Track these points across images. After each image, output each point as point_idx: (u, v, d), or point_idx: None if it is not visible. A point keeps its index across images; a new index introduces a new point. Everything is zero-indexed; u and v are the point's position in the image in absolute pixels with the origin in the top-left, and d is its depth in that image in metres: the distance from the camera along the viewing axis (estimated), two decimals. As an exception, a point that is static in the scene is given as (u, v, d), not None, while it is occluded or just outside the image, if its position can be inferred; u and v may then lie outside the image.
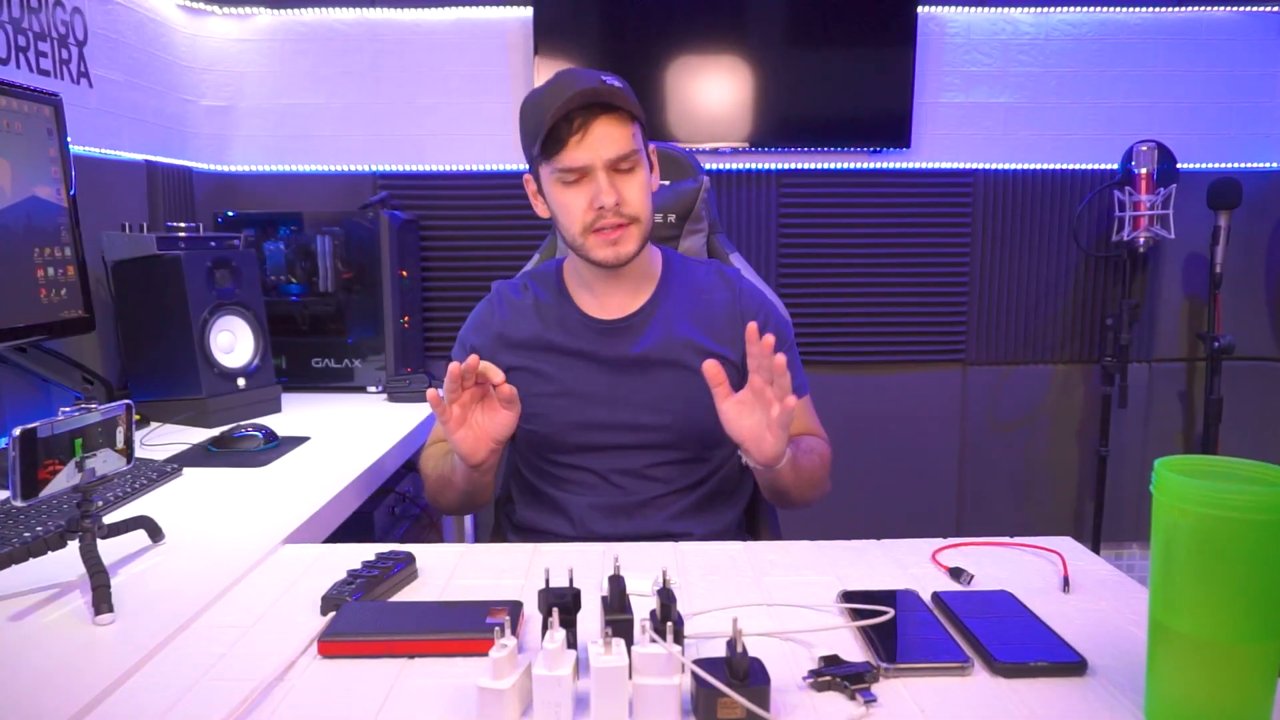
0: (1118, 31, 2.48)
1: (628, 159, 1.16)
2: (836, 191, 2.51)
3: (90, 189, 1.71)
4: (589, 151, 1.14)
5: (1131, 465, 2.63)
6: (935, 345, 2.58)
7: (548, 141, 1.14)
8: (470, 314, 1.34)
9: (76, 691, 0.68)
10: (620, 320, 1.25)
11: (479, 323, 1.31)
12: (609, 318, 1.25)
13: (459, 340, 1.33)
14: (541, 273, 1.34)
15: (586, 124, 1.13)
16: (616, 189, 1.15)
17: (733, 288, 1.29)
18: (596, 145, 1.14)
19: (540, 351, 1.26)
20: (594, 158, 1.14)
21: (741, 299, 1.28)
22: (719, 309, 1.27)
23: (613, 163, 1.15)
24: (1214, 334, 2.40)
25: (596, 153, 1.14)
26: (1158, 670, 0.63)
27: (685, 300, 1.27)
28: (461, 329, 1.33)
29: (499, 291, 1.33)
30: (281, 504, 1.19)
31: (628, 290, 1.25)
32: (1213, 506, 0.57)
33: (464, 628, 0.75)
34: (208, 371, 1.65)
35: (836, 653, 0.72)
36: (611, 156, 1.14)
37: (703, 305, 1.27)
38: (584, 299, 1.27)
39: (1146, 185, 2.35)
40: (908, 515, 2.61)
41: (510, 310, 1.29)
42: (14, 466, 0.79)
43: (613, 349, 1.24)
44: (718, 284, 1.30)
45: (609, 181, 1.15)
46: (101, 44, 1.89)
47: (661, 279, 1.28)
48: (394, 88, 2.44)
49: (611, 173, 1.16)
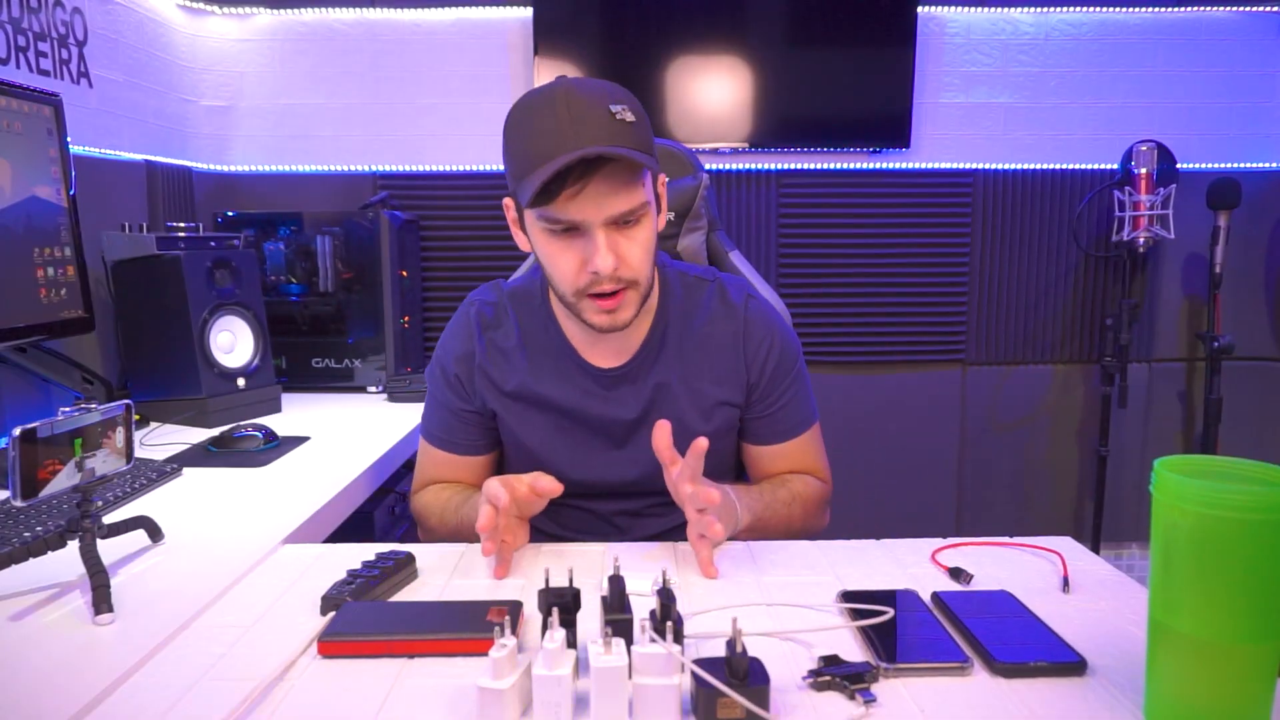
0: (1118, 31, 2.48)
1: (633, 214, 0.99)
2: (836, 191, 2.51)
3: (90, 189, 1.71)
4: (584, 209, 0.96)
5: (1131, 465, 2.63)
6: (935, 345, 2.58)
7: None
8: (446, 332, 1.20)
9: (76, 691, 0.68)
10: (617, 369, 1.13)
11: (460, 352, 1.16)
12: (605, 365, 1.13)
13: (438, 363, 1.19)
14: (524, 293, 1.17)
15: (586, 176, 0.94)
16: (616, 250, 0.98)
17: (738, 316, 1.15)
18: (595, 202, 0.95)
19: (529, 405, 1.15)
20: (591, 215, 0.96)
21: (749, 330, 1.15)
22: (722, 343, 1.14)
23: (614, 221, 0.98)
24: (1214, 334, 2.40)
25: (595, 210, 0.96)
26: (1157, 670, 0.63)
27: (684, 337, 1.14)
28: (439, 349, 1.20)
29: (477, 319, 1.16)
30: (281, 504, 1.19)
31: (624, 334, 1.10)
32: (1212, 506, 0.57)
33: (464, 628, 0.75)
34: (208, 371, 1.65)
35: (836, 653, 0.72)
36: (613, 215, 0.97)
37: (703, 341, 1.14)
38: (574, 334, 1.13)
39: (1146, 185, 2.35)
40: (908, 515, 2.61)
41: (490, 351, 1.15)
42: (14, 466, 0.79)
43: (609, 410, 1.13)
44: (720, 313, 1.15)
45: (608, 242, 0.97)
46: (101, 44, 1.89)
47: (658, 313, 1.14)
48: (394, 88, 2.44)
49: (611, 229, 0.98)
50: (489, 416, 1.18)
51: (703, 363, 1.15)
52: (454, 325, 1.20)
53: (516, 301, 1.17)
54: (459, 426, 1.19)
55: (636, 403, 1.14)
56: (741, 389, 1.16)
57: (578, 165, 0.93)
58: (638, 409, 1.14)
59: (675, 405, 1.14)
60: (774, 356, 1.16)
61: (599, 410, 1.14)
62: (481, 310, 1.18)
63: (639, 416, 1.14)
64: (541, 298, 1.16)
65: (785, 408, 1.18)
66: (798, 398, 1.19)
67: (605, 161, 0.94)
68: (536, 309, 1.16)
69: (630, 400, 1.14)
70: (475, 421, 1.19)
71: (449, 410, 1.19)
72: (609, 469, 1.16)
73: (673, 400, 1.14)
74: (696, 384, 1.14)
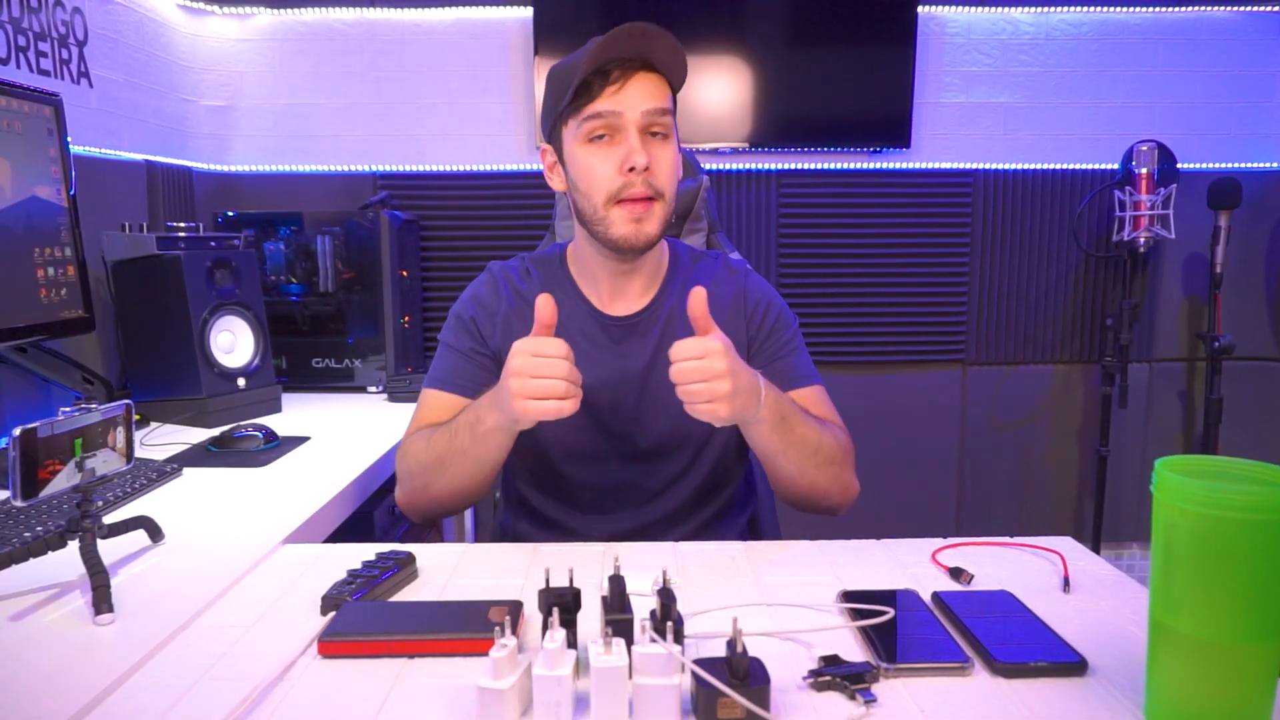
0: (1118, 31, 2.48)
1: (663, 119, 1.07)
2: (836, 191, 2.51)
3: (90, 189, 1.71)
4: (624, 101, 1.05)
5: (1131, 465, 2.63)
6: (935, 345, 2.58)
7: (579, 91, 1.05)
8: (467, 290, 1.24)
9: (76, 691, 0.68)
10: (629, 318, 1.18)
11: (481, 301, 1.21)
12: (617, 314, 1.18)
13: (455, 315, 1.22)
14: (544, 258, 1.24)
15: (626, 75, 1.05)
16: (650, 152, 1.06)
17: (739, 280, 1.23)
18: (634, 96, 1.05)
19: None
20: (629, 108, 1.05)
21: (748, 290, 1.22)
22: (723, 303, 1.19)
23: (648, 120, 1.06)
24: (1214, 334, 2.40)
25: (633, 103, 1.05)
26: (1158, 670, 0.63)
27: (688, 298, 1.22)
28: (457, 304, 1.23)
29: (500, 273, 1.23)
30: (281, 504, 1.19)
31: (637, 285, 1.18)
32: (1212, 506, 0.57)
33: (464, 628, 0.75)
34: (208, 371, 1.65)
35: (836, 653, 0.72)
36: (649, 108, 1.06)
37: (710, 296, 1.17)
38: (590, 290, 1.19)
39: (1146, 185, 2.35)
40: (908, 515, 2.61)
41: (515, 297, 1.20)
42: (14, 466, 0.79)
43: (620, 357, 1.17)
44: (724, 276, 1.23)
45: (642, 142, 1.06)
46: (101, 44, 1.89)
47: (668, 275, 1.21)
48: (394, 88, 2.45)
49: (645, 135, 1.07)
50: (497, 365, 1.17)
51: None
52: (479, 283, 1.24)
53: (538, 263, 1.24)
54: (469, 369, 1.18)
55: (643, 353, 1.17)
56: (742, 344, 1.18)
57: (617, 66, 1.05)
58: (644, 359, 1.17)
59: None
60: (772, 313, 1.21)
61: (613, 358, 1.17)
62: (505, 268, 1.24)
63: (648, 363, 1.17)
64: (560, 261, 1.23)
65: (787, 359, 1.19)
66: (800, 356, 1.21)
67: (642, 67, 1.05)
68: (555, 269, 1.22)
69: (637, 351, 1.18)
70: (486, 365, 1.18)
71: (461, 354, 1.18)
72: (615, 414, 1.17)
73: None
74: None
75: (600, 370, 1.16)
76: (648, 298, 1.19)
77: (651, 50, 1.05)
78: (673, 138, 1.10)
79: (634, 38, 1.03)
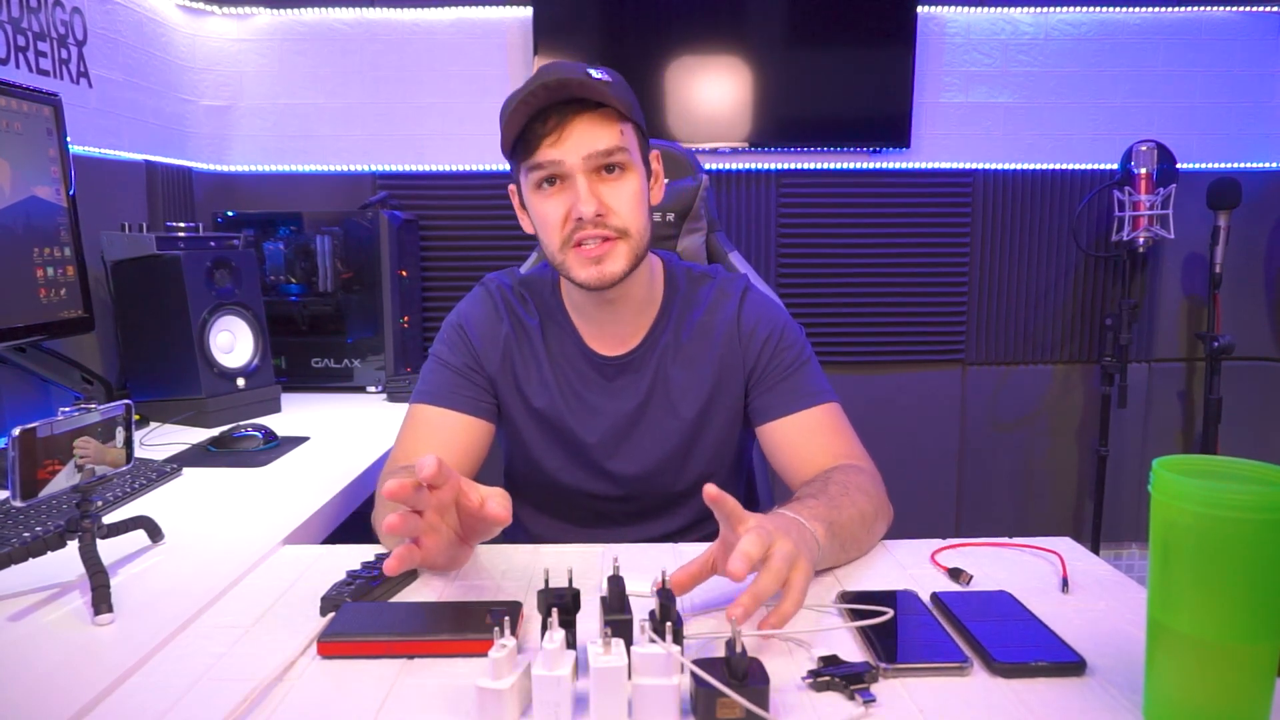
0: (1117, 31, 2.48)
1: (612, 158, 1.01)
2: (836, 191, 2.51)
3: (90, 189, 1.71)
4: (564, 149, 1.00)
5: (1131, 465, 2.63)
6: (935, 345, 2.58)
7: (520, 141, 1.02)
8: (464, 304, 1.20)
9: (76, 691, 0.68)
10: (621, 357, 1.14)
11: (482, 319, 1.17)
12: (610, 354, 1.15)
13: (452, 328, 1.17)
14: (536, 283, 1.19)
15: (564, 122, 1.00)
16: (598, 196, 1.01)
17: (733, 304, 1.17)
18: (573, 143, 1.00)
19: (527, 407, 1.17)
20: (569, 155, 1.00)
21: (743, 315, 1.16)
22: (718, 332, 1.15)
23: (594, 164, 1.01)
24: (1213, 334, 2.40)
25: (574, 150, 1.00)
26: (1156, 670, 0.63)
27: (683, 329, 1.16)
28: (454, 316, 1.19)
29: (498, 293, 1.19)
30: (281, 504, 1.19)
31: (627, 318, 1.13)
32: (1211, 506, 0.57)
33: (463, 628, 0.75)
34: (207, 371, 1.65)
35: (836, 653, 0.72)
36: (589, 153, 1.00)
37: (701, 331, 1.16)
38: (582, 325, 1.15)
39: (1146, 185, 2.35)
40: (907, 515, 2.57)
41: (516, 325, 1.16)
42: (14, 466, 0.79)
43: (613, 397, 1.15)
44: (717, 303, 1.17)
45: (590, 188, 1.01)
46: (101, 44, 1.89)
47: (663, 305, 1.16)
48: (394, 88, 2.45)
49: (594, 177, 1.02)
50: (493, 387, 1.17)
51: (700, 353, 1.15)
52: (477, 299, 1.19)
53: (530, 289, 1.19)
54: (463, 385, 1.14)
55: (637, 392, 1.15)
56: (740, 375, 1.16)
57: (555, 111, 0.99)
58: (638, 397, 1.15)
59: (673, 396, 1.15)
60: (773, 338, 1.15)
61: (605, 401, 1.15)
62: (505, 292, 1.19)
63: (640, 405, 1.15)
64: (552, 288, 1.18)
65: (794, 378, 1.13)
66: (807, 374, 1.14)
67: (582, 109, 1.00)
68: (547, 296, 1.18)
69: (630, 391, 1.15)
70: (481, 384, 1.15)
71: (454, 369, 1.15)
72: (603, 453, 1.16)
73: (671, 391, 1.15)
74: (695, 374, 1.15)
75: (594, 410, 1.15)
76: (641, 333, 1.15)
77: (581, 90, 0.99)
78: (632, 169, 1.04)
79: (550, 91, 0.98)
